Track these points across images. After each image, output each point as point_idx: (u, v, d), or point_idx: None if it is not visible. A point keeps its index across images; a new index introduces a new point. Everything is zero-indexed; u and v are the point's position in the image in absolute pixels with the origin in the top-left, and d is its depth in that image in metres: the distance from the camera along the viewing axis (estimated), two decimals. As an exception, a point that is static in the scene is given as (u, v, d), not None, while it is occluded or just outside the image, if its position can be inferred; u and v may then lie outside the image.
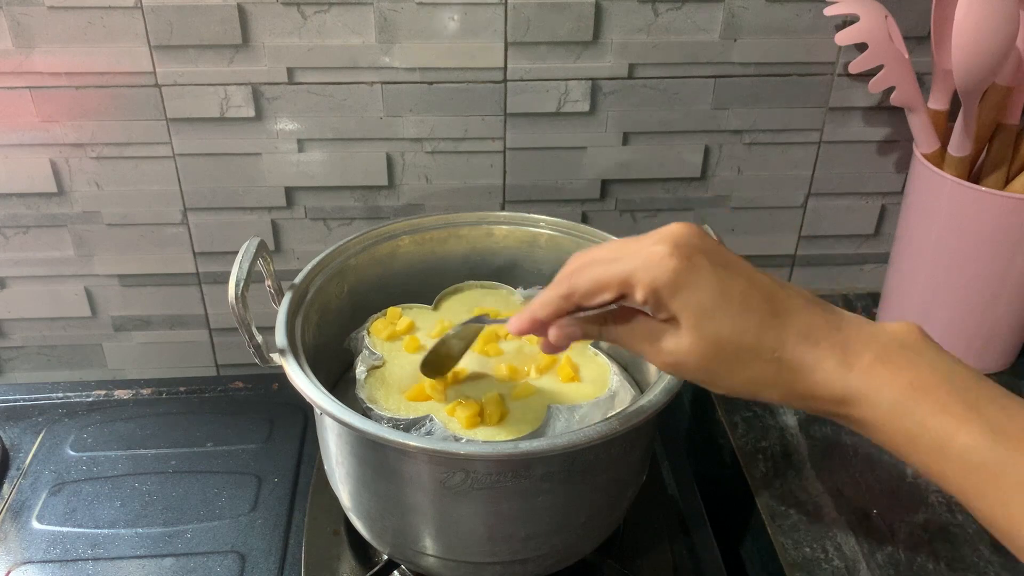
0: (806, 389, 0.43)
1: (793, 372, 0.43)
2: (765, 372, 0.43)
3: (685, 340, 0.44)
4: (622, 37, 0.76)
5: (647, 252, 0.43)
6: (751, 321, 0.43)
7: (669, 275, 0.42)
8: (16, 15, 0.71)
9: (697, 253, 0.43)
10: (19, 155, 0.77)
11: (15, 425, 0.80)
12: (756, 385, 0.44)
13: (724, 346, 0.43)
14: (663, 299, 0.43)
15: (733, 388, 0.45)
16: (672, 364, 0.45)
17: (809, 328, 0.43)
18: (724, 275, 0.43)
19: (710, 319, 0.43)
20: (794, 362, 0.43)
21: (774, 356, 0.43)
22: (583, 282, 0.45)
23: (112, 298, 0.86)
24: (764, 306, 0.43)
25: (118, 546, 0.68)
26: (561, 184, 0.83)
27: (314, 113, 0.77)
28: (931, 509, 0.64)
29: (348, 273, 0.68)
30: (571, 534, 0.59)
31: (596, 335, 0.48)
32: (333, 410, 0.52)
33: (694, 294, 0.43)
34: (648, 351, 0.46)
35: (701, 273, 0.43)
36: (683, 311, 0.43)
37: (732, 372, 0.44)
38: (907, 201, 0.79)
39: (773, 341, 0.43)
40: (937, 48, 0.74)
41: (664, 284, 0.43)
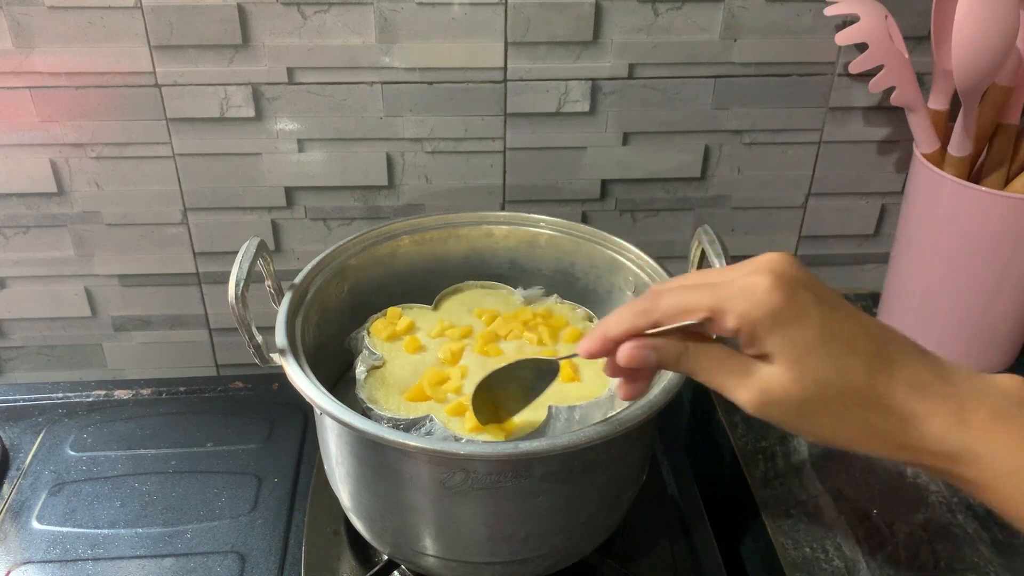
0: (915, 442, 0.41)
1: (903, 422, 0.40)
2: (871, 420, 0.41)
3: (782, 378, 0.40)
4: (622, 37, 0.76)
5: (745, 281, 0.41)
6: (858, 364, 0.40)
7: (770, 308, 0.40)
8: (16, 15, 0.71)
9: (801, 288, 0.41)
10: (19, 155, 0.77)
11: (15, 425, 0.80)
12: (859, 434, 0.41)
13: (827, 388, 0.40)
14: (759, 332, 0.40)
15: (830, 436, 0.42)
16: (762, 403, 0.41)
17: (919, 377, 0.41)
18: (830, 313, 0.41)
19: (813, 358, 0.40)
20: (904, 412, 0.40)
21: (882, 403, 0.40)
22: (667, 301, 0.43)
23: (112, 298, 0.86)
24: (872, 349, 0.41)
25: (118, 546, 0.68)
26: (561, 184, 0.83)
27: (314, 113, 0.77)
28: (931, 509, 0.64)
29: (348, 273, 0.68)
30: (571, 534, 0.59)
31: (672, 362, 0.43)
32: (333, 410, 0.52)
33: (797, 331, 0.40)
34: (734, 386, 0.42)
35: (806, 309, 0.40)
36: (782, 348, 0.40)
37: (832, 417, 0.41)
38: (907, 201, 0.78)
39: (882, 387, 0.40)
40: (937, 48, 0.74)
41: (763, 317, 0.40)
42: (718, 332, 0.42)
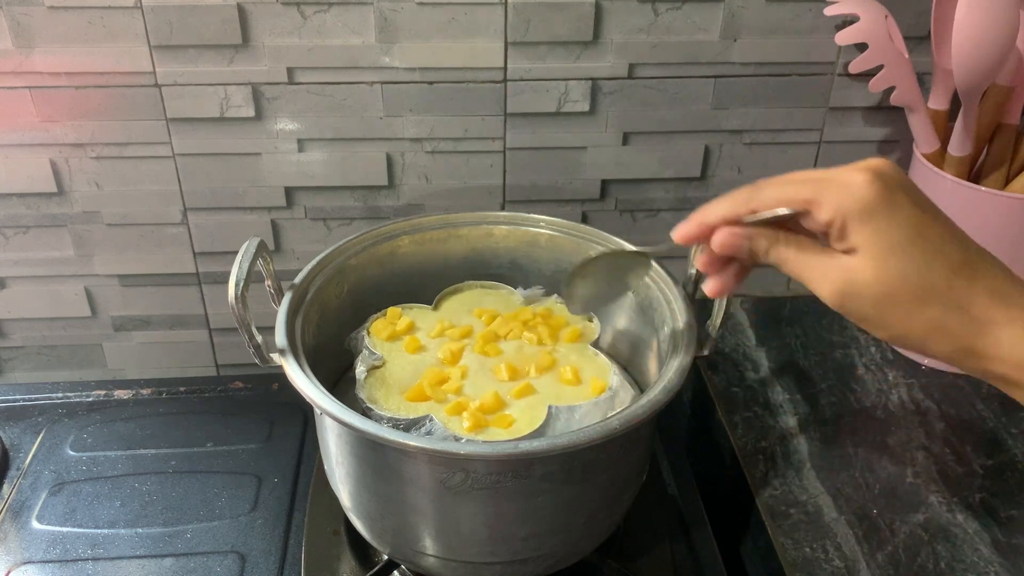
0: (987, 347, 0.42)
1: (979, 326, 0.41)
2: (946, 319, 0.42)
3: (866, 271, 0.42)
4: (622, 37, 0.76)
5: (844, 176, 0.42)
6: (943, 265, 0.41)
7: (865, 202, 0.41)
8: (16, 15, 0.71)
9: (898, 188, 0.42)
10: (19, 155, 0.77)
11: (15, 425, 0.80)
12: (931, 331, 0.42)
13: (909, 284, 0.41)
14: (850, 225, 0.42)
15: (905, 332, 0.43)
16: (843, 294, 0.43)
17: (1003, 287, 0.42)
18: (923, 216, 0.42)
19: (899, 255, 0.41)
20: (982, 317, 0.41)
21: (961, 306, 0.41)
22: (768, 191, 0.44)
23: (112, 298, 0.86)
24: (959, 255, 0.42)
25: (118, 546, 0.68)
26: (561, 184, 0.83)
27: (314, 113, 0.77)
28: (931, 509, 0.64)
29: (348, 273, 0.68)
30: (571, 534, 0.59)
31: (763, 252, 0.45)
32: (333, 410, 0.52)
33: (887, 227, 0.41)
34: (819, 277, 0.44)
35: (900, 208, 0.42)
36: (870, 242, 0.42)
37: (909, 313, 0.42)
38: (907, 201, 0.78)
39: (963, 290, 0.41)
40: (937, 48, 0.74)
41: (857, 210, 0.41)
42: (812, 225, 0.44)
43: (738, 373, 0.78)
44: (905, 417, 0.72)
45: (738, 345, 0.81)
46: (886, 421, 0.72)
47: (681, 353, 0.57)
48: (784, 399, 0.75)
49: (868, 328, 0.44)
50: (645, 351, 0.67)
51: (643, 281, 0.59)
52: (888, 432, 0.71)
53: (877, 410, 0.73)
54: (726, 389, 0.76)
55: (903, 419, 0.72)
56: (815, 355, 0.80)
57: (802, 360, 0.79)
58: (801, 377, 0.77)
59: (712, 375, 0.78)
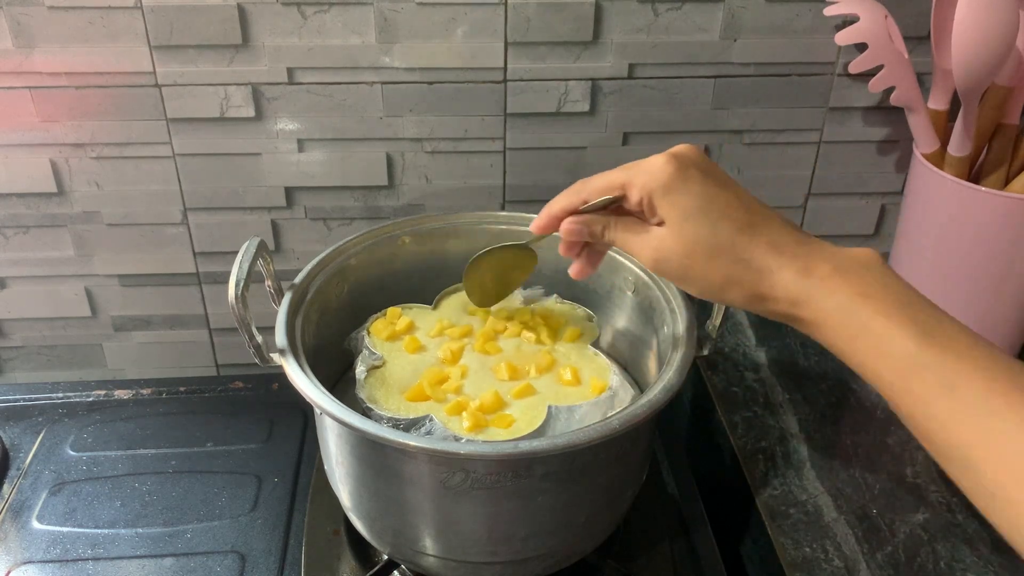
0: (767, 290, 0.49)
1: (758, 273, 0.49)
2: (734, 271, 0.49)
3: (669, 238, 0.50)
4: (622, 37, 0.76)
5: (649, 162, 0.51)
6: (728, 226, 0.49)
7: (663, 180, 0.50)
8: (16, 15, 0.71)
9: (691, 166, 0.50)
10: (19, 155, 0.77)
11: (15, 425, 0.80)
12: (725, 282, 0.49)
13: (701, 245, 0.49)
14: (655, 200, 0.50)
15: (706, 285, 0.50)
16: (656, 260, 0.51)
17: (778, 240, 0.49)
18: (712, 187, 0.50)
19: (692, 221, 0.49)
20: (761, 265, 0.49)
21: (743, 258, 0.49)
22: (592, 182, 0.53)
23: (112, 298, 0.86)
24: (743, 217, 0.50)
25: (118, 546, 0.68)
26: (561, 184, 0.82)
27: (314, 113, 0.77)
28: (931, 509, 0.64)
29: (348, 273, 0.68)
30: (571, 534, 0.59)
31: (599, 233, 0.54)
32: (333, 410, 0.52)
33: (681, 198, 0.49)
34: (637, 247, 0.52)
35: (692, 181, 0.50)
36: (669, 212, 0.50)
37: (705, 268, 0.50)
38: (907, 201, 0.79)
39: (745, 245, 0.49)
40: (937, 48, 0.74)
41: (657, 187, 0.50)
42: (630, 206, 0.52)
43: (738, 373, 0.78)
44: (905, 417, 0.72)
45: (738, 345, 0.81)
46: (886, 421, 0.72)
47: (681, 353, 0.57)
48: (784, 399, 0.75)
49: (681, 285, 0.52)
50: (645, 351, 0.67)
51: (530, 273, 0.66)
52: (888, 432, 0.71)
53: (877, 410, 0.73)
54: (726, 389, 0.76)
55: (903, 419, 0.72)
56: (815, 355, 0.80)
57: (802, 360, 0.79)
58: (801, 377, 0.77)
59: (712, 375, 0.78)
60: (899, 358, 0.44)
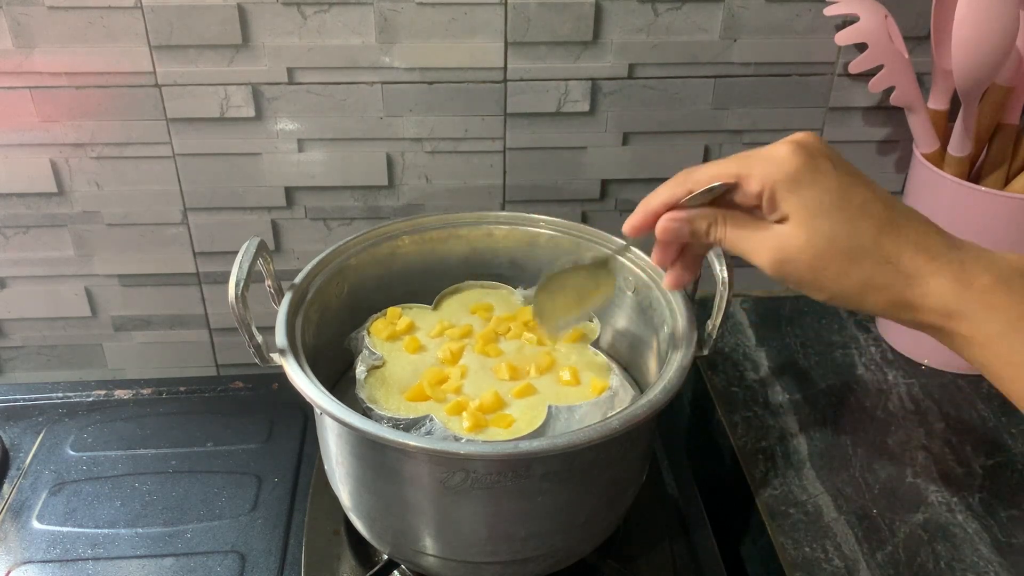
0: (916, 298, 0.43)
1: (907, 278, 0.43)
2: (877, 275, 0.44)
3: (797, 237, 0.44)
4: (622, 37, 0.76)
5: (770, 150, 0.45)
6: (869, 225, 0.44)
7: (790, 171, 0.44)
8: (16, 15, 0.71)
9: (821, 156, 0.44)
10: (19, 155, 0.77)
11: (15, 425, 0.80)
12: (865, 287, 0.44)
13: (838, 246, 0.43)
14: (779, 194, 0.44)
15: (840, 290, 0.45)
16: (780, 261, 0.45)
17: (928, 242, 0.44)
18: (847, 180, 0.44)
19: (826, 218, 0.43)
20: (910, 269, 0.43)
21: (888, 261, 0.43)
22: (699, 170, 0.47)
23: (112, 298, 0.86)
24: (884, 214, 0.44)
25: (118, 546, 0.68)
26: (561, 184, 0.83)
27: (314, 113, 0.77)
28: (931, 509, 0.64)
29: (348, 273, 0.68)
30: (571, 534, 0.59)
31: (703, 232, 0.48)
32: (333, 410, 0.52)
33: (813, 193, 0.43)
34: (754, 247, 0.46)
35: (823, 174, 0.44)
36: (799, 208, 0.44)
37: (842, 272, 0.44)
38: (907, 201, 0.78)
39: (890, 246, 0.43)
40: (937, 48, 0.74)
41: (783, 179, 0.44)
42: (745, 199, 0.46)
43: (738, 373, 0.78)
44: (905, 417, 0.72)
45: (738, 345, 0.81)
46: (886, 421, 0.72)
47: (681, 353, 0.57)
48: (784, 399, 0.75)
49: (807, 291, 0.46)
50: (645, 351, 0.67)
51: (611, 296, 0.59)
52: (888, 432, 0.71)
53: (877, 410, 0.73)
54: (726, 389, 0.76)
55: (903, 419, 0.72)
56: (815, 355, 0.80)
57: (802, 360, 0.79)
58: (801, 377, 0.77)
59: (712, 375, 0.78)
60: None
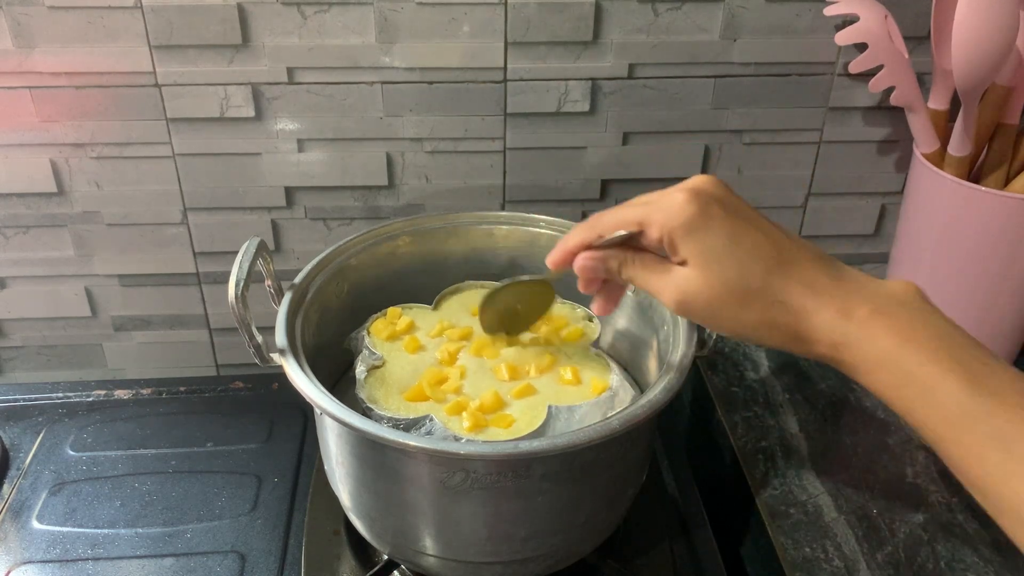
0: (805, 332, 0.46)
1: (795, 315, 0.46)
2: (768, 314, 0.47)
3: (695, 280, 0.47)
4: (622, 37, 0.76)
5: (668, 198, 0.48)
6: (758, 267, 0.46)
7: (684, 220, 0.46)
8: (16, 15, 0.71)
9: (713, 202, 0.47)
10: (19, 155, 0.77)
11: (15, 425, 0.80)
12: (759, 326, 0.47)
13: (731, 288, 0.46)
14: (676, 241, 0.47)
15: (738, 329, 0.48)
16: (680, 303, 0.48)
17: (813, 279, 0.47)
18: (737, 224, 0.47)
19: (718, 262, 0.46)
20: (797, 307, 0.46)
21: (778, 300, 0.46)
22: (606, 216, 0.51)
23: (112, 298, 0.86)
24: (772, 254, 0.47)
25: (118, 546, 0.68)
26: (561, 184, 0.83)
27: (314, 113, 0.77)
28: (931, 509, 0.64)
29: (348, 273, 0.68)
30: (571, 534, 0.59)
31: (615, 270, 0.51)
32: (333, 410, 0.52)
33: (706, 238, 0.46)
34: (660, 289, 0.49)
35: (714, 220, 0.47)
36: (694, 253, 0.47)
37: (737, 312, 0.47)
38: (907, 201, 0.79)
39: (779, 285, 0.46)
40: (937, 48, 0.74)
41: (678, 227, 0.47)
42: (649, 243, 0.49)
43: (738, 373, 0.78)
44: (905, 417, 0.72)
45: (738, 345, 0.81)
46: (886, 421, 0.72)
47: (681, 353, 0.57)
48: (784, 399, 0.75)
49: (710, 327, 0.50)
50: (645, 351, 0.67)
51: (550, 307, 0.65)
52: (888, 432, 0.71)
53: (877, 410, 0.73)
54: (726, 389, 0.76)
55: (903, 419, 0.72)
56: (815, 355, 0.79)
57: (802, 360, 0.79)
58: (801, 377, 0.77)
59: (712, 375, 0.78)
60: (948, 408, 0.42)
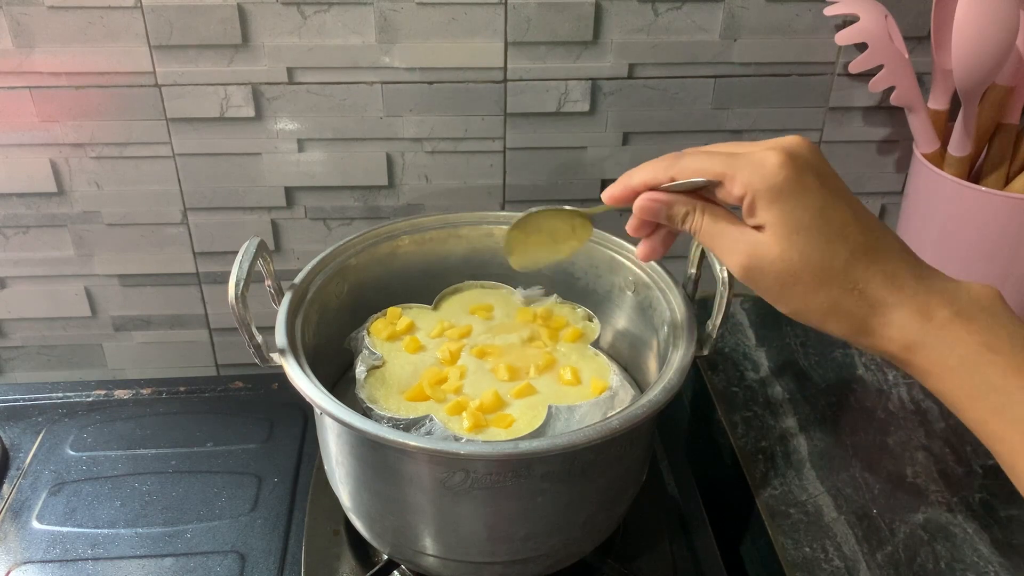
0: (878, 327, 0.44)
1: (870, 307, 0.44)
2: (843, 301, 0.44)
3: (771, 248, 0.44)
4: (622, 37, 0.76)
5: (759, 155, 0.44)
6: (843, 248, 0.43)
7: (774, 183, 0.43)
8: (16, 15, 0.71)
9: (808, 170, 0.43)
10: (19, 155, 0.77)
11: (15, 425, 0.80)
12: (829, 310, 0.44)
13: (810, 265, 0.43)
14: (759, 203, 0.43)
15: (803, 308, 0.45)
16: (749, 268, 0.45)
17: (896, 271, 0.44)
18: (829, 198, 0.44)
19: (803, 235, 0.43)
20: (875, 299, 0.44)
21: (856, 288, 0.43)
22: (687, 160, 0.46)
23: (112, 298, 0.86)
24: (860, 239, 0.44)
25: (118, 546, 0.68)
26: (561, 184, 0.83)
27: (314, 113, 0.77)
28: (931, 509, 0.64)
29: (348, 273, 0.68)
30: (571, 534, 0.59)
31: (679, 219, 0.47)
32: (333, 410, 0.52)
33: (794, 208, 0.43)
34: (727, 250, 0.45)
35: (808, 190, 0.43)
36: (777, 222, 0.43)
37: (808, 292, 0.44)
38: (907, 201, 0.79)
39: (861, 273, 0.43)
40: (937, 48, 0.74)
41: (766, 189, 0.43)
42: (726, 197, 0.45)
43: (738, 373, 0.78)
44: (905, 417, 0.72)
45: (738, 345, 0.81)
46: (886, 421, 0.72)
47: (681, 353, 0.57)
48: (784, 399, 0.75)
49: (771, 302, 0.46)
50: (645, 351, 0.67)
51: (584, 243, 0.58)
52: (888, 432, 0.71)
53: (877, 410, 0.73)
54: (726, 389, 0.76)
55: (903, 419, 0.72)
56: (815, 355, 0.80)
57: (802, 360, 0.79)
58: (801, 377, 0.77)
59: (712, 375, 0.78)
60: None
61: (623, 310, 0.69)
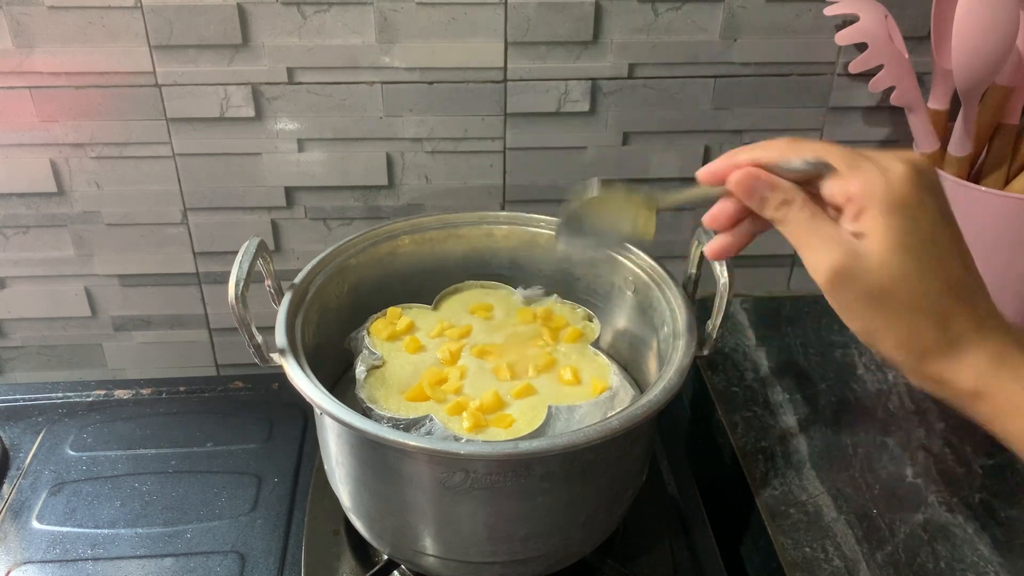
0: (948, 368, 0.42)
1: (950, 343, 0.42)
2: (925, 330, 0.42)
3: (868, 259, 0.41)
4: (622, 37, 0.76)
5: (887, 161, 0.42)
6: (941, 278, 0.42)
7: (896, 196, 0.41)
8: (16, 15, 0.71)
9: (930, 192, 0.42)
10: (19, 155, 0.77)
11: (15, 425, 0.80)
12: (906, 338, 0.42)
13: (905, 286, 0.41)
14: (871, 209, 0.41)
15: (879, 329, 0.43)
16: (838, 274, 0.42)
17: (980, 313, 0.42)
18: (940, 225, 0.42)
19: (908, 255, 0.41)
20: (956, 334, 0.42)
21: (941, 321, 0.42)
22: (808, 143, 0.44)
23: (112, 298, 0.86)
24: (957, 272, 0.42)
25: (118, 546, 0.68)
26: (561, 184, 0.83)
27: (314, 113, 0.77)
28: (931, 509, 0.64)
29: (348, 273, 0.68)
30: (571, 534, 0.59)
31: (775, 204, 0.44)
32: (333, 410, 0.52)
33: (907, 224, 0.41)
34: (818, 250, 0.42)
35: (924, 212, 0.41)
36: (884, 235, 0.41)
37: (891, 314, 0.42)
38: (907, 201, 0.78)
39: (951, 307, 0.42)
40: (937, 48, 0.74)
41: (884, 196, 0.41)
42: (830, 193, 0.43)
43: (738, 373, 0.78)
44: (905, 417, 0.72)
45: (738, 345, 0.81)
46: (886, 421, 0.72)
47: (681, 353, 0.57)
48: (784, 399, 0.75)
49: (844, 316, 0.43)
50: (645, 351, 0.67)
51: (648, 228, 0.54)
52: (888, 432, 0.71)
53: (877, 410, 0.73)
54: (726, 389, 0.76)
55: (903, 419, 0.72)
56: (815, 355, 0.80)
57: (802, 360, 0.79)
58: (801, 377, 0.77)
59: (712, 375, 0.78)
60: None
61: (623, 310, 0.69)
